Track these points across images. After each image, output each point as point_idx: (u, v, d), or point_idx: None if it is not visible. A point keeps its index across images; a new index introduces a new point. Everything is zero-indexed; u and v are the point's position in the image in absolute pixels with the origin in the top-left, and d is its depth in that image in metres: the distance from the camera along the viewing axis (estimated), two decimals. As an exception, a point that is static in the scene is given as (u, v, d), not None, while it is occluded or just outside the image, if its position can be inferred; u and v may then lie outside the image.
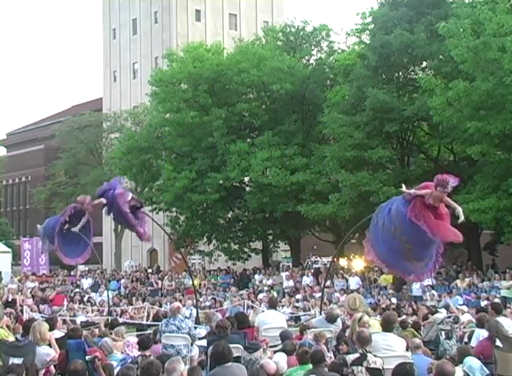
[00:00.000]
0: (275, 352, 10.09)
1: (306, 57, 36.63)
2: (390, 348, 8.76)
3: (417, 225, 10.27)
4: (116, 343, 10.50)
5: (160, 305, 23.70)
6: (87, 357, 9.23)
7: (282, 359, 9.23)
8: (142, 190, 40.94)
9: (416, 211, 10.40)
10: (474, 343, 10.53)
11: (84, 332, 11.18)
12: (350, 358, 8.04)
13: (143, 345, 9.90)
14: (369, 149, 27.62)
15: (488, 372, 8.89)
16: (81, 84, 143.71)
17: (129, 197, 15.30)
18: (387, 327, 9.25)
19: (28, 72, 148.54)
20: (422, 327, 14.99)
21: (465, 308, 18.74)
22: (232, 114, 33.82)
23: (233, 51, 36.73)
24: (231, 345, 8.53)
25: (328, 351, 10.22)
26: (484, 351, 9.51)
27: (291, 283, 28.41)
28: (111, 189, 15.43)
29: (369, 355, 8.04)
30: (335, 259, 35.55)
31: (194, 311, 19.29)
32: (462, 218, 10.50)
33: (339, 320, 12.24)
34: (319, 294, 22.61)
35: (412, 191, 10.82)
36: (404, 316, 17.61)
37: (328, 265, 34.01)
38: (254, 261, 37.62)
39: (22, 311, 20.43)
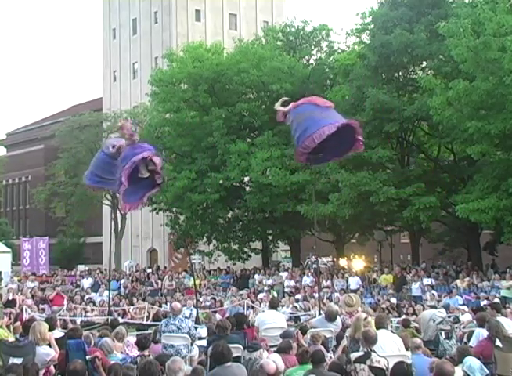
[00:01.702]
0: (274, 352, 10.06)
1: (306, 57, 36.62)
2: (381, 347, 8.71)
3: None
4: (115, 343, 10.50)
5: (160, 305, 23.68)
6: (87, 357, 9.22)
7: (278, 358, 9.20)
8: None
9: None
10: (473, 343, 10.53)
11: (85, 332, 11.18)
12: (354, 355, 8.10)
13: (142, 345, 9.91)
14: (369, 149, 27.58)
15: (487, 372, 8.88)
16: (81, 84, 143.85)
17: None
18: (379, 324, 9.25)
19: (28, 72, 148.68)
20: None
21: (465, 308, 18.78)
22: (232, 114, 33.81)
23: (233, 51, 36.72)
24: (231, 345, 8.53)
25: (328, 351, 10.20)
26: (484, 351, 9.49)
27: (291, 283, 28.39)
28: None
29: (373, 354, 8.06)
30: (334, 259, 35.75)
31: (194, 311, 19.29)
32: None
33: (338, 319, 12.22)
34: (319, 294, 22.57)
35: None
36: (404, 316, 17.64)
37: (328, 265, 34.17)
38: (254, 261, 37.61)
39: (22, 311, 20.43)
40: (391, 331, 10.65)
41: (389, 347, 8.79)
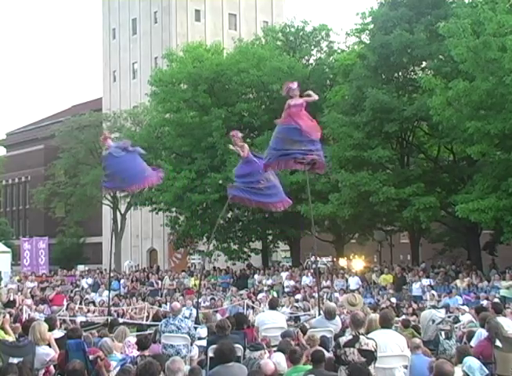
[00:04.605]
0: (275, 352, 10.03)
1: (306, 57, 36.63)
2: (382, 348, 8.67)
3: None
4: (115, 343, 10.49)
5: (160, 305, 23.67)
6: (91, 356, 9.22)
7: (282, 358, 9.18)
8: (142, 190, 40.87)
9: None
10: (474, 342, 10.52)
11: (84, 332, 11.17)
12: (343, 340, 8.09)
13: (142, 345, 9.89)
14: (368, 149, 27.63)
15: (487, 372, 8.86)
16: (81, 84, 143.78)
17: None
18: (385, 323, 9.19)
19: (28, 72, 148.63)
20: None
21: (466, 308, 18.77)
22: (232, 114, 33.80)
23: (233, 51, 36.73)
24: (230, 345, 8.50)
25: (328, 351, 10.17)
26: (483, 351, 9.48)
27: (291, 283, 28.39)
28: None
29: (361, 337, 8.06)
30: (334, 259, 35.74)
31: (194, 311, 19.26)
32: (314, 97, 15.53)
33: (338, 319, 12.18)
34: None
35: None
36: (404, 316, 17.64)
37: (328, 265, 34.17)
38: (253, 261, 37.60)
39: (22, 311, 20.42)
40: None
41: (390, 348, 8.75)
